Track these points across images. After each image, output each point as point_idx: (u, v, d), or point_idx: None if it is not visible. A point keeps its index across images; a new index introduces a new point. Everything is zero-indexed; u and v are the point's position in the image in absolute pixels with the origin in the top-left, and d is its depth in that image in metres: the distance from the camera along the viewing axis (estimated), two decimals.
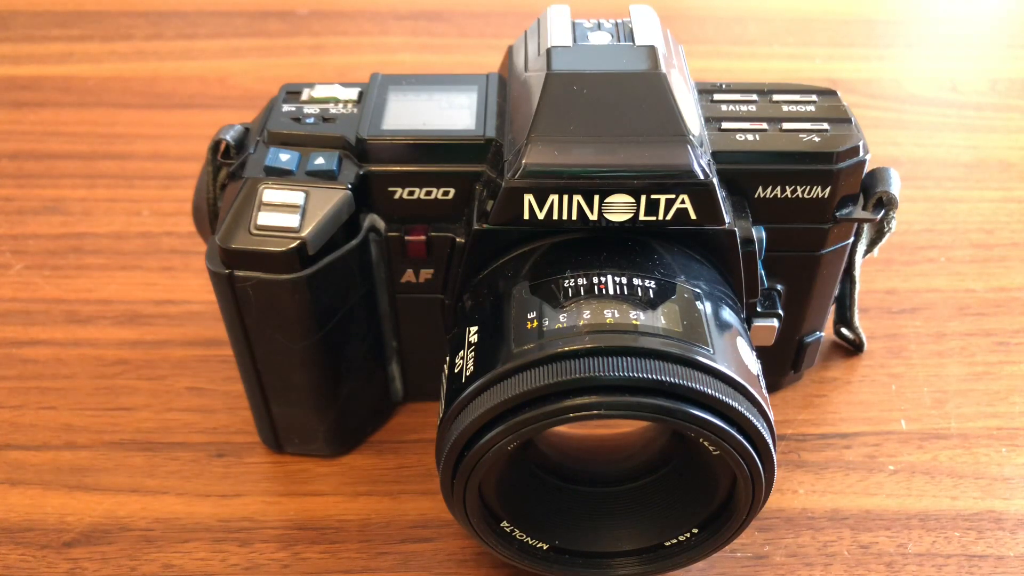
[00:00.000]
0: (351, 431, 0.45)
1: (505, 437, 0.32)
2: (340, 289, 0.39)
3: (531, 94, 0.37)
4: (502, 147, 0.38)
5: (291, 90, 0.42)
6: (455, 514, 0.36)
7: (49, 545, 0.41)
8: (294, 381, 0.41)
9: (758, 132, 0.39)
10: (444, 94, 0.41)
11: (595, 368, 0.32)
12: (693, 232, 0.37)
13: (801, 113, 0.40)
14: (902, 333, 0.51)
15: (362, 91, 0.41)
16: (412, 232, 0.40)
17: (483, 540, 0.37)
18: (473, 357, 0.34)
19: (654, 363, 0.32)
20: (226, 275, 0.37)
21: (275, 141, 0.39)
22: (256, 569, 0.40)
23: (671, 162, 0.35)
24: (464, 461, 0.34)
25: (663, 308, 0.34)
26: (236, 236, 0.37)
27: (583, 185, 0.36)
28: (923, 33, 0.76)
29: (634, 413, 0.32)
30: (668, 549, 0.38)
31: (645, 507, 0.39)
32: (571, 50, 0.37)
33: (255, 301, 0.38)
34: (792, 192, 0.39)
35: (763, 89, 0.41)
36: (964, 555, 0.41)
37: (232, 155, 0.40)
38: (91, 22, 0.76)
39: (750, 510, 0.35)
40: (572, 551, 0.38)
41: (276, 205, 0.37)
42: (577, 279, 0.35)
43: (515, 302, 0.35)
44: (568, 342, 0.32)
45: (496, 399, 0.32)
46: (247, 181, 0.38)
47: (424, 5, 0.77)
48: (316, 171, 0.38)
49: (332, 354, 0.41)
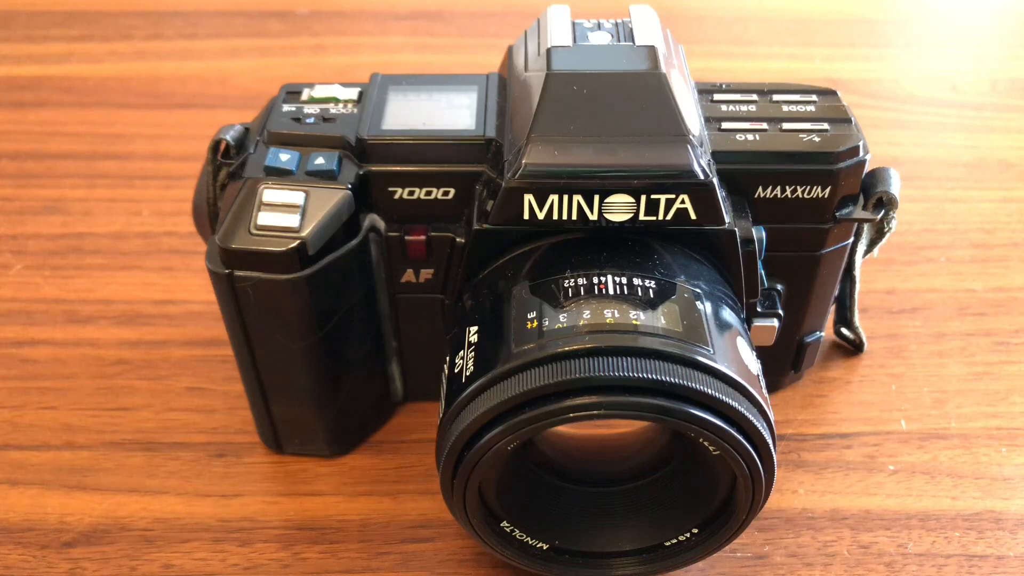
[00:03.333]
0: (351, 431, 0.45)
1: (505, 437, 0.32)
2: (340, 289, 0.39)
3: (531, 94, 0.37)
4: (502, 147, 0.38)
5: (291, 90, 0.42)
6: (455, 514, 0.36)
7: (49, 545, 0.41)
8: (294, 381, 0.41)
9: (758, 132, 0.39)
10: (444, 94, 0.41)
11: (595, 368, 0.32)
12: (693, 232, 0.37)
13: (801, 113, 0.40)
14: (902, 333, 0.51)
15: (362, 91, 0.41)
16: (412, 232, 0.40)
17: (483, 540, 0.37)
18: (473, 357, 0.34)
19: (654, 363, 0.32)
20: (226, 275, 0.37)
21: (275, 141, 0.39)
22: (256, 569, 0.40)
23: (671, 162, 0.35)
24: (464, 461, 0.34)
25: (663, 308, 0.34)
26: (236, 236, 0.37)
27: (583, 185, 0.36)
28: (923, 33, 0.76)
29: (634, 413, 0.32)
30: (668, 549, 0.38)
31: (645, 507, 0.39)
32: (571, 50, 0.37)
33: (255, 301, 0.38)
34: (792, 192, 0.39)
35: (763, 89, 0.41)
36: (964, 555, 0.41)
37: (232, 155, 0.40)
38: (91, 22, 0.76)
39: (750, 510, 0.35)
40: (572, 551, 0.38)
41: (276, 205, 0.37)
42: (577, 279, 0.35)
43: (515, 302, 0.35)
44: (568, 342, 0.32)
45: (496, 399, 0.32)
46: (247, 181, 0.38)
47: (424, 5, 0.77)
48: (316, 171, 0.38)
49: (332, 354, 0.41)
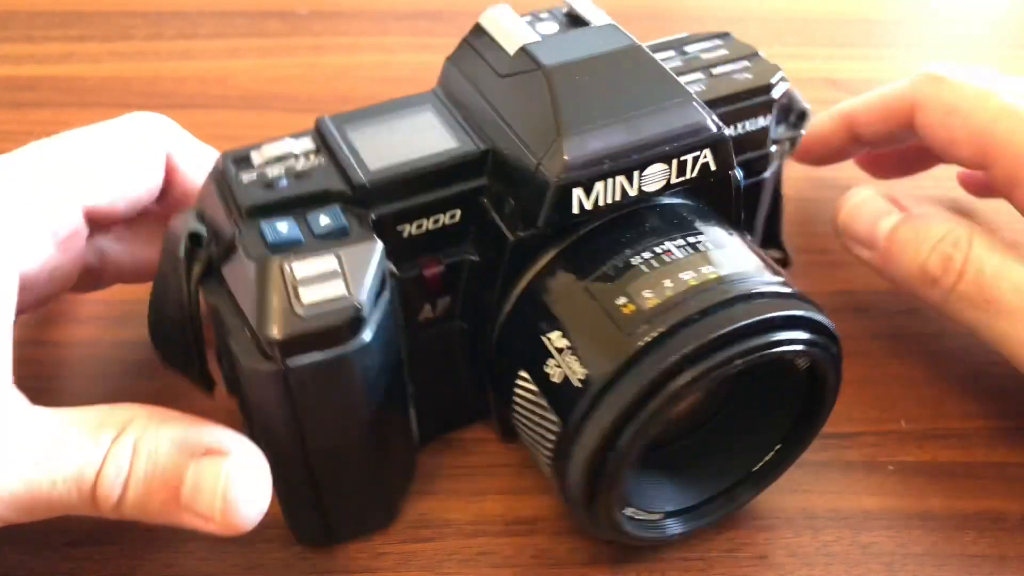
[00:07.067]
0: (400, 491, 0.43)
1: (660, 413, 0.33)
2: (386, 346, 0.37)
3: (533, 93, 0.37)
4: (502, 155, 0.37)
5: (237, 158, 0.37)
6: (593, 520, 0.37)
7: (50, 545, 0.41)
8: (352, 463, 0.38)
9: (698, 82, 0.42)
10: (401, 120, 0.39)
11: (717, 325, 0.34)
12: (708, 183, 0.39)
13: (719, 58, 0.44)
14: (902, 333, 0.51)
15: (313, 139, 0.38)
16: (427, 266, 0.39)
17: (622, 534, 0.38)
18: (576, 360, 0.35)
19: (760, 303, 0.34)
20: (279, 372, 0.33)
21: (257, 215, 0.35)
22: (256, 569, 0.40)
23: (690, 122, 0.37)
24: (616, 447, 0.34)
25: (726, 255, 0.36)
26: (284, 322, 0.33)
27: (625, 164, 0.36)
28: (923, 33, 0.76)
29: (765, 353, 0.34)
30: (759, 471, 0.41)
31: (721, 446, 0.41)
32: (545, 44, 0.38)
33: (314, 389, 0.34)
34: (742, 127, 0.43)
35: (670, 44, 0.44)
36: (964, 555, 0.41)
37: (205, 245, 0.36)
38: (91, 22, 0.76)
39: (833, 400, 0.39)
40: (683, 509, 0.40)
41: (314, 277, 0.34)
42: (641, 254, 0.36)
43: (593, 294, 0.36)
44: (676, 313, 0.34)
45: (642, 380, 0.33)
46: (260, 263, 0.34)
47: (424, 5, 0.77)
48: (328, 232, 0.35)
49: (384, 418, 0.38)
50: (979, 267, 0.42)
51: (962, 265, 0.42)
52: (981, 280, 0.41)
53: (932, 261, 0.43)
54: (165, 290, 0.37)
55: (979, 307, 0.42)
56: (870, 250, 0.46)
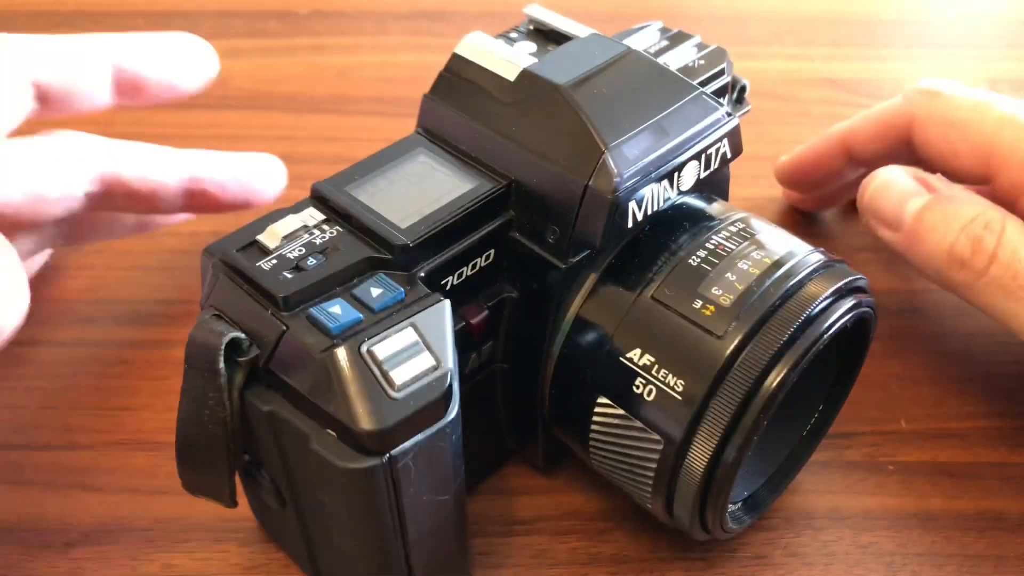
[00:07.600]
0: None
1: (771, 405, 0.34)
2: (472, 406, 0.34)
3: (555, 114, 0.36)
4: (529, 185, 0.36)
5: (241, 246, 0.34)
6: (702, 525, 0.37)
7: (50, 545, 0.41)
8: (443, 539, 0.35)
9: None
10: (397, 171, 0.37)
11: (801, 306, 0.34)
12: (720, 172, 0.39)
13: (662, 48, 0.43)
14: (902, 333, 0.51)
15: (316, 207, 0.36)
16: (471, 315, 0.37)
17: (726, 534, 0.38)
18: (670, 372, 0.35)
19: (821, 276, 0.35)
20: (383, 464, 0.30)
21: (297, 303, 0.32)
22: (256, 569, 0.40)
23: (709, 116, 0.38)
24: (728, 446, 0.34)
25: (767, 238, 0.37)
26: (384, 410, 0.30)
27: (668, 169, 0.37)
28: (923, 33, 0.76)
29: (848, 319, 0.35)
30: (809, 433, 0.42)
31: (784, 416, 0.40)
32: (547, 63, 0.38)
33: (416, 472, 0.31)
34: None
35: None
36: (964, 555, 0.41)
37: (246, 349, 0.32)
38: (91, 22, 0.76)
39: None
40: (756, 490, 0.41)
41: (398, 354, 0.31)
42: (697, 253, 0.36)
43: (665, 304, 0.36)
44: (758, 304, 0.34)
45: (749, 377, 0.34)
46: (333, 354, 0.30)
47: (424, 5, 0.77)
48: (387, 304, 0.32)
49: (462, 485, 0.36)
50: (1014, 249, 0.40)
51: (995, 248, 0.41)
52: (1016, 263, 0.40)
53: (961, 243, 0.41)
54: (198, 409, 0.32)
55: (1011, 291, 0.40)
56: (895, 231, 0.44)
